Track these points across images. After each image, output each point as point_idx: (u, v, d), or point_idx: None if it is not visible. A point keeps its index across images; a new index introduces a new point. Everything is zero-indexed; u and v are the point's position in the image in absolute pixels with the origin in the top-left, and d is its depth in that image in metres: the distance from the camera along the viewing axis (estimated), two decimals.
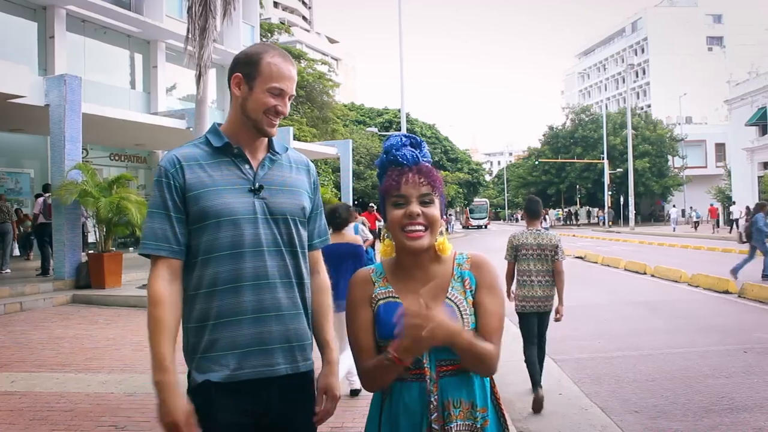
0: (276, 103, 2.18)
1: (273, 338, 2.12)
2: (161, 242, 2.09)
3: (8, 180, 18.88)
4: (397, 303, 1.95)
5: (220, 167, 2.16)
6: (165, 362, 1.98)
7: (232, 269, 2.09)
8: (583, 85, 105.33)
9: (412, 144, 2.02)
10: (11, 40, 18.36)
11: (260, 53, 2.20)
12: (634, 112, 62.90)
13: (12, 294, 11.94)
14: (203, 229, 2.11)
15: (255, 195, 2.15)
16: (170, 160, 2.15)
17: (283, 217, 2.20)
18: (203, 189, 2.11)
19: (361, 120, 57.81)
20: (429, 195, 1.95)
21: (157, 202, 2.13)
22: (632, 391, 6.50)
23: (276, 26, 47.10)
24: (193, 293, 2.12)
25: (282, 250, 2.18)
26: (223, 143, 2.19)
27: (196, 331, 2.11)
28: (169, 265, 2.10)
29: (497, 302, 1.99)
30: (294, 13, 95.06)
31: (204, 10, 13.84)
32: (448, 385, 1.93)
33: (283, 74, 2.19)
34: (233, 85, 2.21)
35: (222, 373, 2.06)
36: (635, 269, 18.52)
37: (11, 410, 5.58)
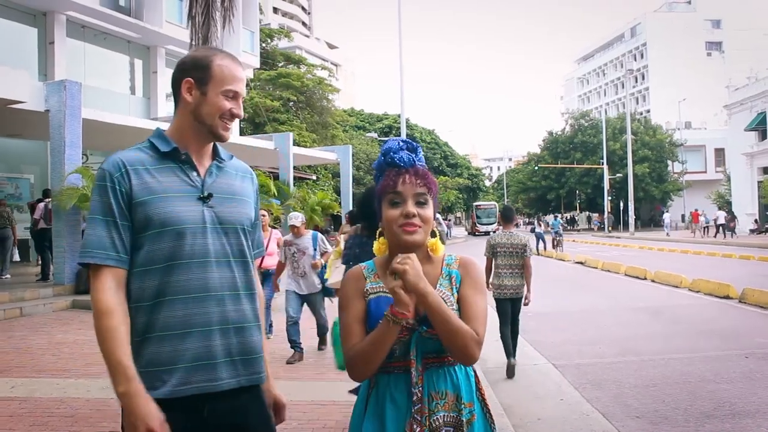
0: (231, 105, 2.13)
1: (218, 352, 2.04)
2: (108, 251, 1.98)
3: (8, 185, 18.87)
4: (387, 298, 1.99)
5: (167, 173, 2.08)
6: (127, 371, 1.89)
7: (177, 280, 2.01)
8: (583, 90, 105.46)
9: (408, 148, 2.09)
10: (11, 45, 18.41)
11: (209, 56, 2.15)
12: (634, 117, 62.92)
13: (12, 299, 11.93)
14: (148, 238, 2.02)
15: (204, 203, 2.08)
16: (114, 164, 2.04)
17: (233, 227, 2.13)
18: (150, 196, 2.02)
19: (361, 125, 57.94)
20: (424, 195, 2.03)
21: (100, 208, 2.02)
22: (633, 397, 6.48)
23: (276, 31, 47.24)
24: (135, 305, 2.01)
25: (231, 261, 2.11)
26: (171, 148, 2.10)
27: (137, 344, 1.99)
28: (115, 274, 1.99)
29: (479, 296, 2.07)
30: (294, 18, 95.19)
31: (206, 19, 13.92)
32: (433, 377, 2.01)
33: (235, 76, 2.13)
34: (184, 90, 2.13)
35: (165, 389, 1.97)
36: (635, 274, 18.50)
37: (11, 416, 5.56)
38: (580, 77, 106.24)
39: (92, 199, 2.06)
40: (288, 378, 6.82)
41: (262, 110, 35.81)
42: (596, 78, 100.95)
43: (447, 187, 58.18)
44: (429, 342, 1.99)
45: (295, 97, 40.20)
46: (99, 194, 2.03)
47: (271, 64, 42.07)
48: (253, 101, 35.12)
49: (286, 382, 6.41)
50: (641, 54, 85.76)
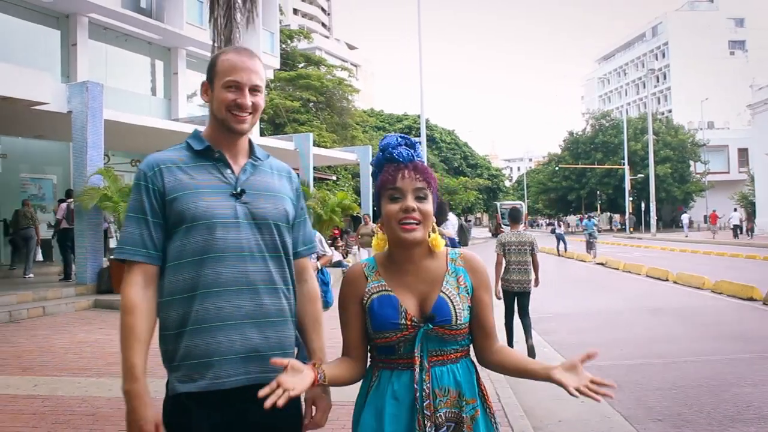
0: (235, 96, 2.12)
1: (253, 346, 2.06)
2: (138, 247, 2.06)
3: (31, 186, 19.06)
4: (389, 296, 2.04)
5: (201, 171, 2.13)
6: (135, 371, 1.97)
7: (210, 273, 2.03)
8: (603, 91, 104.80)
9: (407, 144, 2.09)
10: (35, 47, 18.60)
11: (217, 55, 2.21)
12: (655, 117, 62.41)
13: (35, 298, 12.04)
14: (181, 233, 2.06)
15: (237, 199, 2.11)
16: (149, 164, 2.12)
17: (266, 222, 2.15)
18: (182, 192, 2.07)
19: (381, 126, 57.90)
20: (423, 190, 2.02)
21: (134, 206, 2.09)
22: (655, 399, 6.41)
23: (296, 32, 47.33)
24: (169, 299, 2.06)
25: (265, 256, 2.13)
26: (204, 147, 2.16)
27: (174, 338, 2.05)
28: (145, 270, 2.06)
29: (491, 298, 2.16)
30: (313, 20, 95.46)
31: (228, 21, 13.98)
32: (436, 373, 2.02)
33: (236, 66, 2.13)
34: (202, 93, 2.23)
35: (200, 382, 2.01)
36: (657, 275, 18.35)
37: (34, 413, 5.61)
38: (601, 77, 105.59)
39: (130, 198, 2.14)
40: None
41: (282, 111, 35.89)
42: (617, 78, 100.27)
43: (467, 188, 57.92)
44: (434, 339, 2.01)
45: (315, 97, 40.25)
46: (134, 193, 2.11)
47: (291, 65, 42.15)
48: (273, 102, 35.20)
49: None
50: (662, 53, 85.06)
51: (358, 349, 2.11)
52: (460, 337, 2.05)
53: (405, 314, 2.00)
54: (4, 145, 18.25)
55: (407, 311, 2.00)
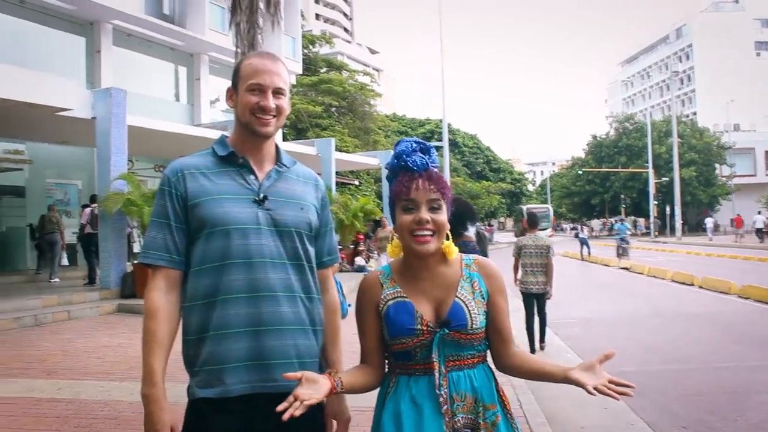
0: (258, 99, 2.12)
1: (272, 353, 2.05)
2: (161, 252, 2.07)
3: (57, 191, 19.28)
4: (405, 302, 2.05)
5: (224, 177, 2.13)
6: (154, 376, 1.99)
7: (230, 280, 2.03)
8: (627, 94, 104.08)
9: (422, 150, 2.07)
10: (61, 54, 18.86)
11: (241, 60, 2.22)
12: (680, 120, 61.78)
13: (60, 302, 12.16)
14: (202, 238, 2.07)
15: (259, 206, 2.10)
16: (173, 169, 2.13)
17: (287, 230, 2.13)
18: (204, 197, 2.07)
19: (403, 130, 57.87)
20: (437, 201, 2.02)
21: (158, 211, 2.11)
22: (680, 406, 6.33)
23: (318, 38, 47.52)
24: (191, 304, 2.07)
25: (286, 263, 2.12)
26: (227, 152, 2.15)
27: (194, 343, 2.07)
28: (167, 275, 2.08)
29: (507, 302, 2.15)
30: (335, 24, 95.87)
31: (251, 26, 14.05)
32: (455, 379, 2.02)
33: (258, 69, 2.13)
34: (227, 99, 2.23)
35: (218, 388, 2.02)
36: (682, 280, 18.13)
37: (57, 417, 5.66)
38: (624, 80, 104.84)
39: (154, 203, 2.16)
40: None
41: (305, 116, 36.05)
42: (641, 81, 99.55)
43: (490, 192, 57.71)
44: (450, 344, 2.01)
45: (337, 102, 40.37)
46: (158, 198, 2.13)
47: (313, 70, 42.32)
48: (296, 107, 35.37)
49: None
50: (687, 55, 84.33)
51: (376, 356, 2.12)
52: (477, 342, 2.05)
53: (421, 320, 2.00)
54: (30, 150, 18.47)
55: (423, 317, 2.01)
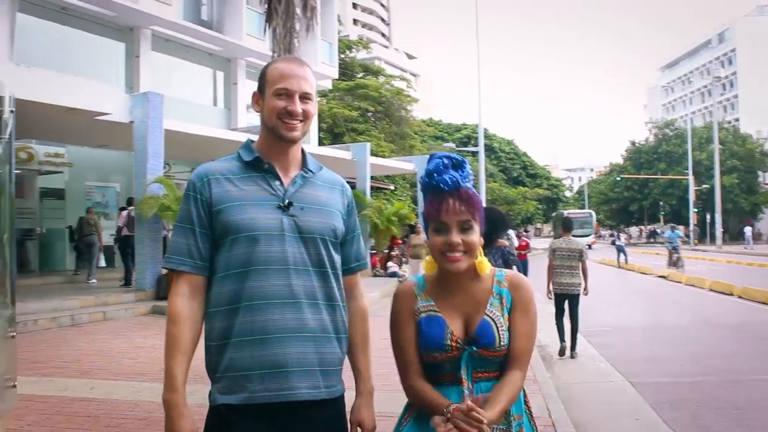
0: (285, 104, 2.10)
1: (294, 360, 2.02)
2: (184, 257, 2.07)
3: (96, 194, 19.60)
4: (437, 317, 2.06)
5: (249, 182, 2.11)
6: (175, 382, 1.99)
7: (253, 286, 2.02)
8: (667, 99, 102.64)
9: (454, 165, 2.05)
10: (101, 59, 19.24)
11: (267, 65, 2.22)
12: (721, 126, 60.72)
13: (96, 303, 12.37)
14: (227, 244, 2.05)
15: (283, 212, 2.08)
16: (198, 174, 2.13)
17: (312, 237, 2.10)
18: (229, 203, 2.06)
19: (439, 135, 57.75)
20: (468, 221, 2.01)
21: (183, 217, 2.11)
22: (714, 419, 6.16)
23: (354, 43, 47.66)
24: (214, 310, 2.06)
25: (310, 270, 2.09)
26: (253, 157, 2.14)
27: (217, 349, 2.05)
28: (191, 281, 2.07)
29: (529, 323, 2.08)
30: (373, 29, 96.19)
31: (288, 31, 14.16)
32: (482, 390, 2.02)
33: (285, 74, 2.12)
34: (253, 103, 2.22)
35: (240, 395, 2.00)
36: (721, 290, 17.74)
37: (88, 416, 5.74)
38: (665, 86, 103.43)
39: (179, 208, 2.15)
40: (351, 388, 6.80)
41: (341, 120, 36.18)
42: (681, 86, 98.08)
43: (526, 198, 57.30)
44: (478, 359, 2.03)
45: (373, 107, 40.41)
46: (183, 203, 2.13)
47: (349, 75, 42.46)
48: (332, 111, 35.53)
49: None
50: (729, 60, 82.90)
51: (420, 366, 2.11)
52: (503, 358, 2.05)
53: (451, 336, 2.02)
54: (71, 154, 18.83)
55: (453, 333, 2.02)
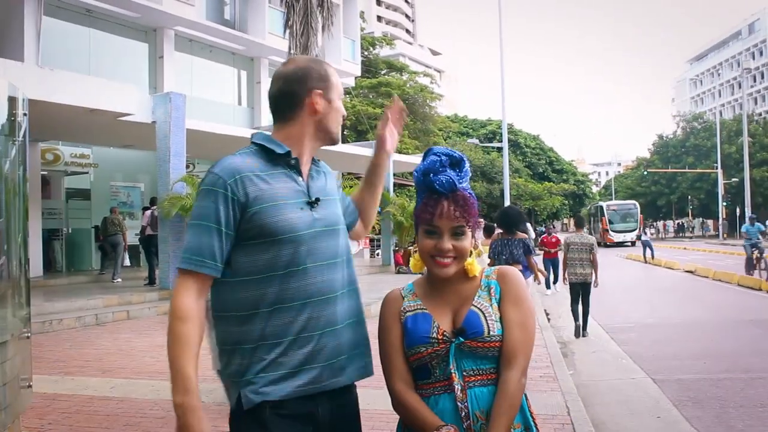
0: (341, 111, 2.22)
1: (342, 350, 2.05)
2: (206, 258, 1.95)
3: (121, 193, 19.82)
4: (424, 313, 2.00)
5: (279, 179, 2.05)
6: (190, 383, 1.86)
7: (298, 287, 1.98)
8: (696, 92, 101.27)
9: (452, 163, 1.99)
10: (125, 60, 19.46)
11: (324, 66, 2.19)
12: (752, 119, 59.75)
13: (120, 302, 12.50)
14: (264, 245, 1.98)
15: (312, 208, 2.06)
16: (228, 171, 1.99)
17: (336, 228, 2.13)
18: (265, 204, 1.98)
19: (464, 131, 57.60)
20: (461, 227, 1.95)
21: (206, 214, 1.96)
22: (738, 418, 6.04)
23: (378, 40, 47.67)
24: (252, 312, 1.98)
25: (343, 260, 2.12)
26: (285, 151, 2.07)
27: (253, 351, 1.97)
28: (204, 281, 1.97)
29: (522, 313, 1.97)
30: (397, 26, 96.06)
31: (305, 28, 14.16)
32: (477, 396, 1.93)
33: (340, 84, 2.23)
34: (314, 100, 2.12)
35: (284, 390, 1.96)
36: (750, 285, 17.45)
37: (108, 414, 5.79)
38: (693, 78, 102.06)
39: (199, 204, 2.01)
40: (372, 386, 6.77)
41: (364, 118, 36.21)
42: (710, 78, 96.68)
43: (552, 193, 56.90)
44: (468, 356, 1.94)
45: None
46: (207, 199, 1.98)
47: (373, 72, 42.50)
48: (355, 109, 35.58)
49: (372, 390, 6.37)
50: (760, 51, 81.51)
51: (407, 372, 2.03)
52: (496, 352, 1.94)
53: (437, 329, 1.95)
54: (96, 154, 19.07)
55: (440, 327, 1.96)
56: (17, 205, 4.37)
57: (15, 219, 4.32)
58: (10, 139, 4.26)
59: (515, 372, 1.90)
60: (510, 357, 1.92)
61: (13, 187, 4.31)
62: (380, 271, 21.81)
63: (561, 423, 5.30)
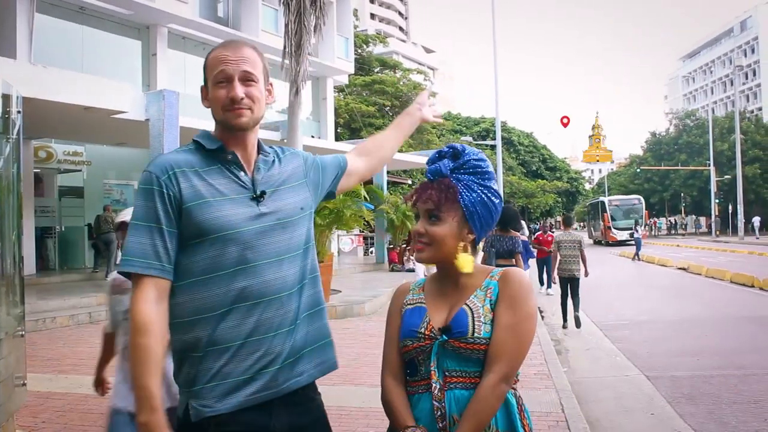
0: (227, 92, 1.94)
1: (297, 347, 1.95)
2: (151, 259, 1.83)
3: (114, 191, 19.77)
4: (421, 307, 1.98)
5: (216, 175, 1.94)
6: (155, 401, 1.75)
7: (246, 287, 1.87)
8: (688, 89, 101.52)
9: (453, 155, 2.00)
10: (118, 58, 19.41)
11: (211, 52, 2.02)
12: (744, 116, 59.97)
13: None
14: (203, 245, 1.87)
15: (258, 202, 1.95)
16: (161, 166, 1.90)
17: (291, 220, 2.00)
18: (201, 200, 1.88)
19: (458, 129, 57.64)
20: (434, 212, 1.93)
21: (144, 214, 1.87)
22: (732, 414, 6.08)
23: (372, 37, 47.66)
24: (194, 318, 1.87)
25: (297, 254, 1.99)
26: (217, 146, 1.97)
27: (199, 359, 1.86)
28: (157, 285, 1.84)
29: (515, 317, 1.84)
30: (391, 24, 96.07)
31: (299, 27, 14.15)
32: (458, 399, 1.84)
33: (220, 58, 1.96)
34: (203, 99, 2.05)
35: (235, 400, 1.86)
36: (742, 282, 17.52)
37: (102, 413, 5.57)
38: (685, 75, 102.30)
39: (136, 204, 1.91)
40: (367, 384, 6.79)
41: (358, 115, 36.19)
42: (702, 76, 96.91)
43: (545, 191, 57.07)
44: (452, 356, 1.86)
45: (390, 102, 40.37)
46: (144, 198, 1.88)
47: (367, 70, 42.47)
48: (349, 106, 35.57)
49: (352, 387, 6.39)
50: (752, 49, 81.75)
51: (399, 366, 1.98)
52: (482, 355, 1.83)
53: (427, 324, 1.90)
54: (89, 152, 19.01)
55: (430, 322, 1.90)
56: (11, 203, 4.36)
57: (9, 217, 4.30)
58: (4, 137, 4.25)
59: (493, 377, 1.79)
60: (491, 360, 1.81)
61: (7, 185, 4.30)
62: (374, 269, 21.80)
63: (555, 420, 5.32)
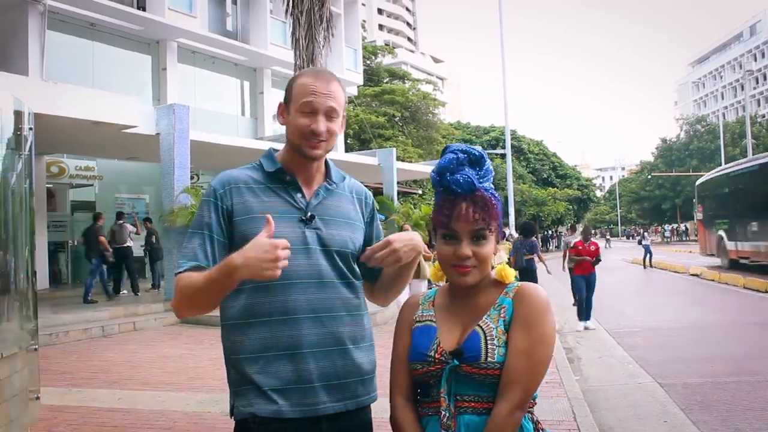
0: (309, 122, 2.01)
1: (321, 374, 1.98)
2: (190, 260, 1.96)
3: (126, 205, 19.90)
4: (431, 326, 1.85)
5: (271, 194, 2.05)
6: (219, 266, 1.83)
7: (284, 301, 1.96)
8: (698, 95, 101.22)
9: (471, 161, 1.82)
10: (128, 73, 19.59)
11: (294, 78, 2.13)
12: (755, 121, 59.65)
13: (126, 314, 12.51)
14: None
15: (306, 225, 2.03)
16: (221, 181, 2.06)
17: (337, 250, 2.05)
18: (250, 215, 1.99)
19: (468, 138, 57.50)
20: (482, 231, 1.78)
21: (199, 222, 2.03)
22: (746, 421, 6.02)
23: (380, 48, 47.78)
24: (244, 321, 1.98)
25: (335, 282, 2.04)
26: (275, 168, 2.08)
27: (236, 362, 1.98)
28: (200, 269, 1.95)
29: (531, 340, 1.72)
30: (399, 34, 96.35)
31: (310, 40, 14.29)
32: (468, 424, 1.73)
33: (308, 90, 2.03)
34: (278, 115, 2.14)
35: (268, 407, 1.92)
36: (756, 287, 17.35)
37: (115, 426, 5.80)
38: (695, 81, 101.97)
39: (195, 214, 2.09)
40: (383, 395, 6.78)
41: (368, 126, 36.28)
42: (712, 81, 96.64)
43: (556, 199, 56.83)
44: (465, 380, 1.75)
45: (400, 112, 40.40)
46: (201, 209, 2.06)
47: (376, 81, 42.57)
48: (358, 117, 35.66)
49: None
50: (762, 53, 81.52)
51: (408, 385, 1.89)
52: (496, 380, 1.72)
53: (437, 347, 1.79)
54: (101, 167, 19.16)
55: (440, 344, 1.79)
56: (24, 219, 4.40)
57: (22, 232, 4.35)
58: (17, 153, 4.30)
59: (507, 405, 1.68)
60: (505, 387, 1.70)
61: (20, 201, 4.35)
62: None
63: (567, 429, 5.30)
